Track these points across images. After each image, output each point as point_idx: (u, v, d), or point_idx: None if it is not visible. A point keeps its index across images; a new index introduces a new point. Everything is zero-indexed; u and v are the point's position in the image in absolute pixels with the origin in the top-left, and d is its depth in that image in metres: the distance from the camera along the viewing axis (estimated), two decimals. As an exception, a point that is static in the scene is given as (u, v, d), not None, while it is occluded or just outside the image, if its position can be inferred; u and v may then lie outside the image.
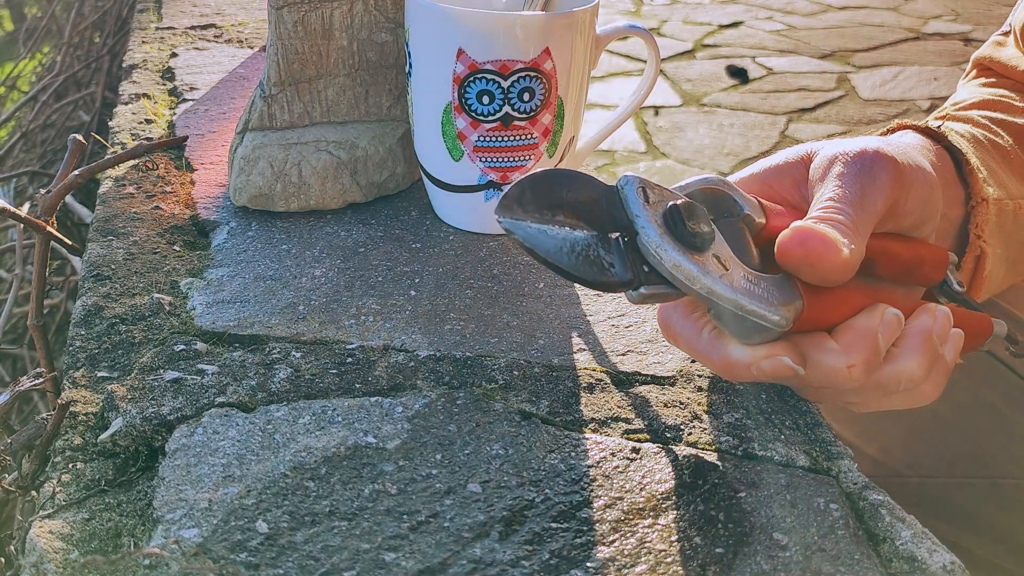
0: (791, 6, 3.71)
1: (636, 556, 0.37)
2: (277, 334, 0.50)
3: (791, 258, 0.39)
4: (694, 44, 3.24)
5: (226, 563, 0.35)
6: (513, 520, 0.38)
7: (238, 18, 1.02)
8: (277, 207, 0.61)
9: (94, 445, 0.41)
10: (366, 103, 0.63)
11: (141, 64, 0.87)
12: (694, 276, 0.37)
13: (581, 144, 0.63)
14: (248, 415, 0.43)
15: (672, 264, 0.37)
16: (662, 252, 0.37)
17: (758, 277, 0.39)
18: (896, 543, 0.38)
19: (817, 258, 0.38)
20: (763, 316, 0.38)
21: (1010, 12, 0.62)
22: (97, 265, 0.54)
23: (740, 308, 0.38)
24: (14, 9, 2.59)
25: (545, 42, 0.54)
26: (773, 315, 0.38)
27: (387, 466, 0.41)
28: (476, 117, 0.55)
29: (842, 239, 0.39)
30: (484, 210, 0.59)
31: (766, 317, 0.38)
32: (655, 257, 0.37)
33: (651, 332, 0.52)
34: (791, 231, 0.39)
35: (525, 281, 0.56)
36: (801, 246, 0.38)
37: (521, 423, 0.44)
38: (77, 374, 0.46)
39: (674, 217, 0.38)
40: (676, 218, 0.37)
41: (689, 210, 0.38)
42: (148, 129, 0.73)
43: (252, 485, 0.39)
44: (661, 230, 0.37)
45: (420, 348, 0.49)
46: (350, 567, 0.35)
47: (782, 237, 0.39)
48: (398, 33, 0.62)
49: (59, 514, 0.37)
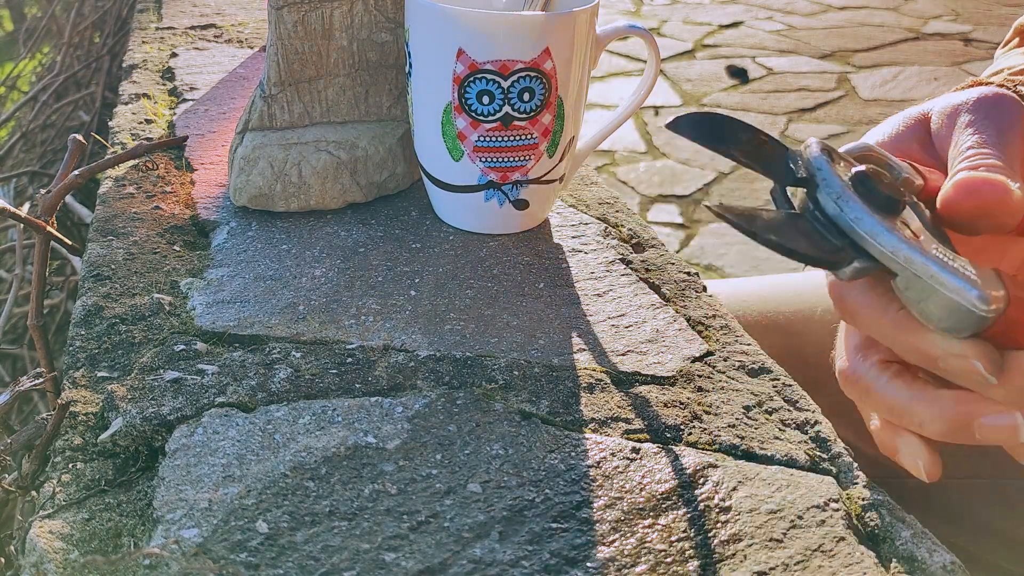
0: (791, 6, 3.71)
1: (636, 556, 0.37)
2: (277, 334, 0.50)
3: (963, 212, 0.36)
4: (694, 44, 3.24)
5: (226, 563, 0.35)
6: (513, 520, 0.38)
7: (238, 18, 1.02)
8: (277, 207, 0.61)
9: (94, 445, 0.41)
10: (366, 103, 0.63)
11: (141, 64, 0.87)
12: (895, 244, 0.34)
13: (581, 144, 0.63)
14: (248, 415, 0.43)
15: (869, 230, 0.34)
16: (859, 216, 0.34)
17: (954, 254, 0.35)
18: (896, 543, 0.38)
19: (993, 204, 0.35)
20: (962, 293, 0.33)
21: (1011, 13, 0.62)
22: (97, 265, 0.54)
23: (940, 283, 0.33)
24: (14, 9, 2.60)
25: (545, 42, 0.54)
26: (973, 293, 0.33)
27: (387, 466, 0.41)
28: (476, 117, 0.55)
29: (1007, 180, 0.36)
30: (484, 210, 0.59)
31: (964, 295, 0.33)
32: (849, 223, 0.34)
33: (651, 332, 0.52)
34: (953, 186, 0.36)
35: (525, 281, 0.56)
36: (972, 196, 0.35)
37: (521, 423, 0.44)
38: (77, 374, 0.46)
39: (863, 181, 0.35)
40: (866, 182, 0.35)
41: (877, 175, 0.35)
42: (148, 129, 0.73)
43: (252, 485, 0.39)
44: (855, 194, 0.34)
45: (420, 348, 0.49)
46: (350, 567, 0.35)
47: (945, 195, 0.36)
48: (398, 33, 0.62)
49: (59, 514, 0.37)
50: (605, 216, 0.65)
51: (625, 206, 0.67)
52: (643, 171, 2.32)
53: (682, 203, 2.17)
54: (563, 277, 0.57)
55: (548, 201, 0.62)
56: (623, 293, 0.56)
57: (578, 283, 0.56)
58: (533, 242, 0.61)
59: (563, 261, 0.59)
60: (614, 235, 0.63)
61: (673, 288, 0.57)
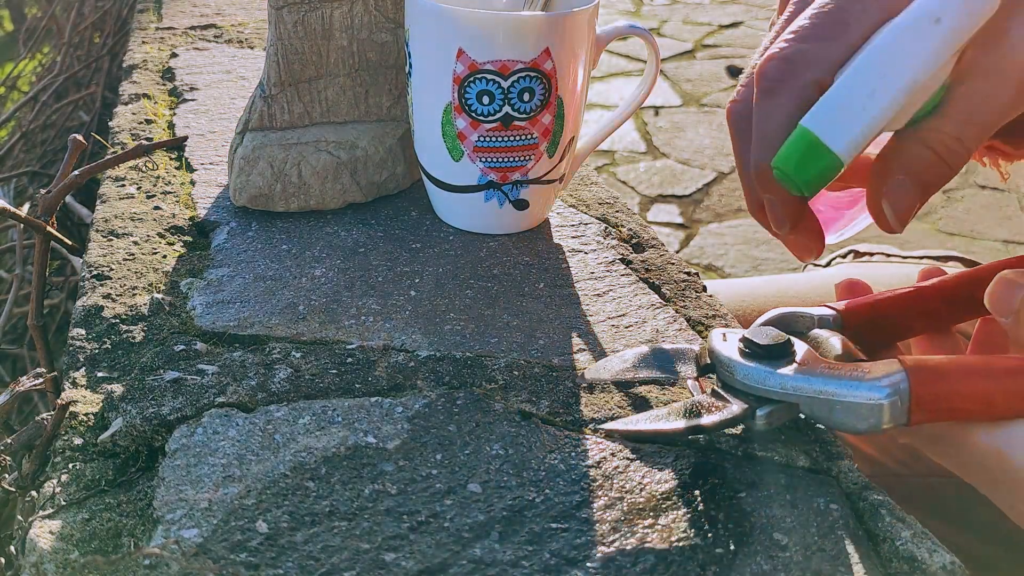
0: (791, 6, 3.71)
1: (636, 556, 0.37)
2: (277, 334, 0.50)
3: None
4: (694, 44, 3.24)
5: (226, 563, 0.35)
6: (513, 520, 0.38)
7: (238, 18, 1.02)
8: (277, 207, 0.61)
9: (94, 445, 0.41)
10: (366, 103, 0.63)
11: (141, 64, 0.87)
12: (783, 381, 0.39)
13: (581, 144, 0.63)
14: (248, 415, 0.43)
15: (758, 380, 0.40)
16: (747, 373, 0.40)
17: (843, 363, 0.40)
18: (896, 543, 0.38)
19: None
20: (855, 396, 0.38)
21: None
22: (97, 265, 0.54)
23: (831, 395, 0.38)
24: (14, 9, 2.59)
25: (545, 42, 0.54)
26: (862, 390, 0.38)
27: (387, 466, 0.41)
28: (476, 117, 0.55)
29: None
30: (484, 210, 0.59)
31: (857, 396, 0.38)
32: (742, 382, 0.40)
33: (651, 332, 0.52)
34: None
35: (525, 281, 0.56)
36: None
37: (521, 423, 0.44)
38: (77, 374, 0.46)
39: (747, 344, 0.41)
40: (749, 344, 0.41)
41: (761, 333, 0.41)
42: (148, 129, 0.73)
43: (252, 485, 0.39)
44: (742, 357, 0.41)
45: (420, 348, 0.49)
46: (350, 567, 0.35)
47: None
48: (398, 33, 0.62)
49: (59, 514, 0.37)
50: (605, 216, 0.65)
51: (625, 206, 0.67)
52: (643, 171, 2.32)
53: (682, 203, 2.17)
54: (563, 277, 0.57)
55: (548, 201, 0.62)
56: (623, 293, 0.56)
57: (578, 283, 0.56)
58: (533, 242, 0.61)
59: (563, 261, 0.59)
60: (614, 235, 0.63)
61: (673, 288, 0.57)
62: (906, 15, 0.35)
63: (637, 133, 2.54)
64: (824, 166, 0.36)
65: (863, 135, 0.36)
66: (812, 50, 0.37)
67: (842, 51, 0.37)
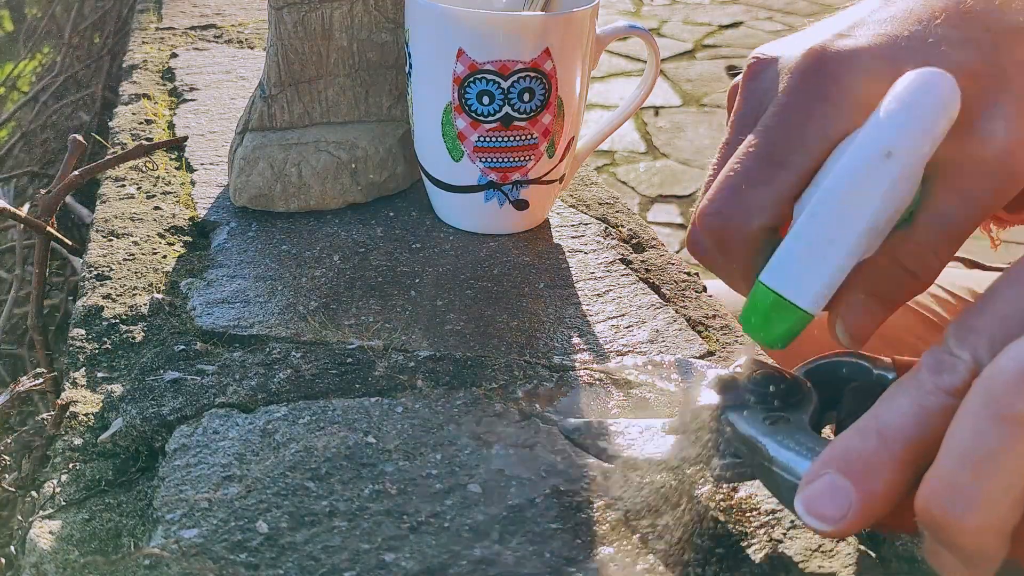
0: (791, 6, 3.71)
1: (636, 556, 0.37)
2: (277, 334, 0.50)
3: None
4: (694, 44, 3.24)
5: (226, 563, 0.35)
6: (513, 520, 0.38)
7: (238, 18, 1.02)
8: (277, 207, 0.61)
9: (94, 445, 0.41)
10: (366, 103, 0.63)
11: (141, 64, 0.87)
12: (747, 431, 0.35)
13: (581, 144, 0.63)
14: (248, 415, 0.43)
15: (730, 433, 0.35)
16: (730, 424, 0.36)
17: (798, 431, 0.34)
18: (896, 543, 0.38)
19: None
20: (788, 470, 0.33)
21: None
22: (97, 265, 0.54)
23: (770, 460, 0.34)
24: (14, 9, 2.59)
25: (545, 42, 0.54)
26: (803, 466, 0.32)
27: (387, 466, 0.41)
28: (476, 117, 0.55)
29: None
30: (484, 210, 0.59)
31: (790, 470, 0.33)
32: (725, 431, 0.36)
33: (651, 332, 0.52)
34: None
35: (525, 281, 0.56)
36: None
37: (521, 423, 0.44)
38: (77, 374, 0.46)
39: (725, 386, 0.37)
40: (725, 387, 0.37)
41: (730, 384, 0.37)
42: (148, 129, 0.73)
43: (252, 485, 0.39)
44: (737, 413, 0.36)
45: (420, 348, 0.49)
46: (350, 567, 0.35)
47: None
48: (398, 33, 0.62)
49: (59, 514, 0.37)
50: (605, 216, 0.65)
51: (625, 206, 0.67)
52: (643, 171, 2.32)
53: (682, 203, 2.17)
54: (563, 277, 0.57)
55: (548, 201, 0.62)
56: (623, 293, 0.56)
57: (578, 283, 0.56)
58: (533, 242, 0.61)
59: (563, 261, 0.59)
60: (614, 235, 0.63)
61: (673, 288, 0.57)
62: (855, 153, 0.31)
63: (637, 133, 2.54)
64: (793, 321, 0.33)
65: (830, 284, 0.32)
66: (748, 198, 0.35)
67: (783, 190, 0.34)
